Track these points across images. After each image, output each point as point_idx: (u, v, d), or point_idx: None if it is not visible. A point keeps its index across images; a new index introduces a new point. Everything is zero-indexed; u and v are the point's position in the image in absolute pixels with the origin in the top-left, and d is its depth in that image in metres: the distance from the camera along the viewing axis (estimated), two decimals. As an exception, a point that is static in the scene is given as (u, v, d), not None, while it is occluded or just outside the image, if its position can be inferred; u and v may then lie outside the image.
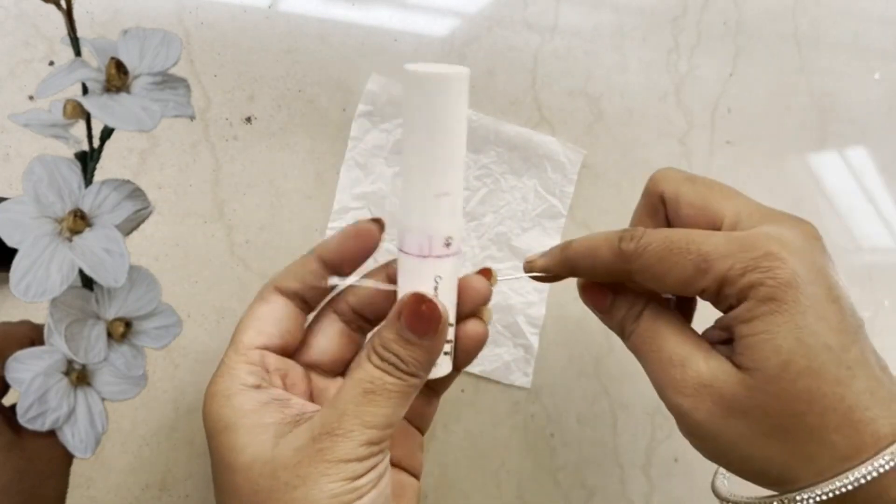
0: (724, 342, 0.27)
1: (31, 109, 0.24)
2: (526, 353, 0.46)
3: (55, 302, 0.24)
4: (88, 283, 0.26)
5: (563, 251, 0.31)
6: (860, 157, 0.55)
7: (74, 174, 0.24)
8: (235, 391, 0.26)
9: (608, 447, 0.47)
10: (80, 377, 0.26)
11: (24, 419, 0.25)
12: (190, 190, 0.41)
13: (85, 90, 0.23)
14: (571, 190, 0.46)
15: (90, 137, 0.25)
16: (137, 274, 0.26)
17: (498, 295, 0.45)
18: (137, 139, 0.40)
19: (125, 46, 0.24)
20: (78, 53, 0.24)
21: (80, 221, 0.24)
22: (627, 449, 0.47)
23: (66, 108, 0.23)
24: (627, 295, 0.29)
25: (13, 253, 0.23)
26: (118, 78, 0.23)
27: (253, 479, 0.24)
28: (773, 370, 0.24)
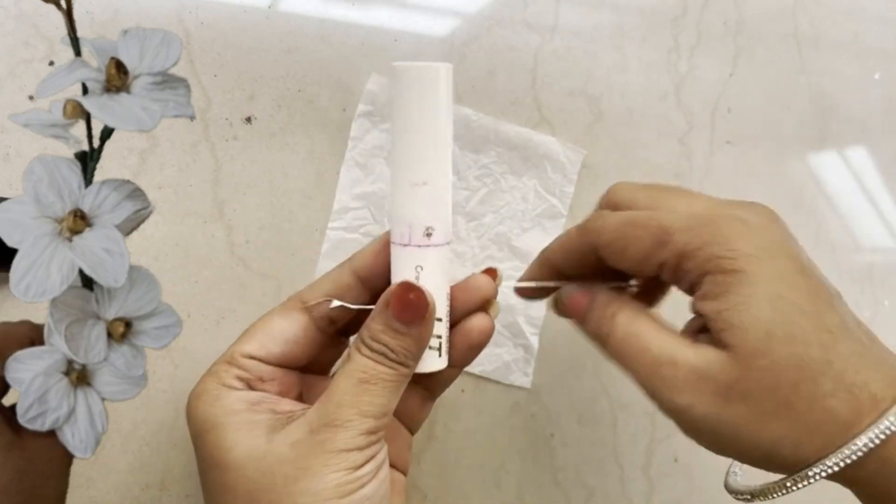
0: (700, 331, 0.27)
1: (31, 109, 0.24)
2: (526, 353, 0.46)
3: (55, 302, 0.24)
4: (88, 283, 0.26)
5: (541, 252, 0.31)
6: (860, 156, 0.55)
7: (74, 174, 0.24)
8: (223, 392, 0.26)
9: (608, 447, 0.47)
10: (80, 377, 0.26)
11: (24, 419, 0.25)
12: (190, 190, 0.41)
13: (85, 90, 0.23)
14: (571, 190, 0.46)
15: (90, 137, 0.25)
16: (137, 274, 0.26)
17: (498, 295, 0.45)
18: (137, 139, 0.40)
19: (125, 46, 0.24)
20: (78, 53, 0.24)
21: (80, 221, 0.24)
22: (627, 449, 0.47)
23: (66, 108, 0.23)
24: (600, 297, 0.29)
25: (13, 253, 0.23)
26: (118, 78, 0.23)
27: (247, 476, 0.24)
28: (757, 342, 0.23)
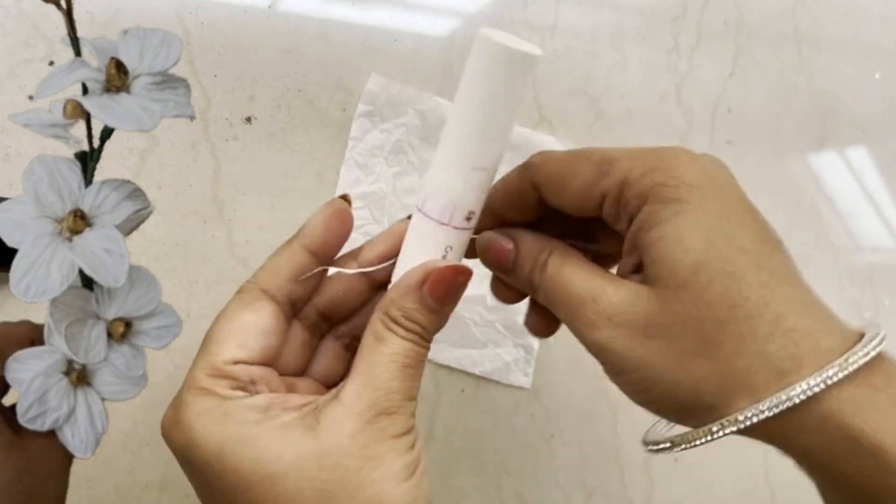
0: (635, 271, 0.25)
1: (31, 109, 0.24)
2: (526, 353, 0.46)
3: (55, 302, 0.24)
4: (88, 283, 0.26)
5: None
6: (860, 156, 0.55)
7: (74, 174, 0.24)
8: (229, 405, 0.24)
9: (608, 447, 0.47)
10: (80, 377, 0.26)
11: (24, 419, 0.25)
12: (190, 190, 0.41)
13: (85, 90, 0.23)
14: (571, 190, 0.46)
15: (90, 137, 0.25)
16: (137, 274, 0.26)
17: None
18: (137, 139, 0.40)
19: (125, 46, 0.24)
20: (78, 53, 0.24)
21: (80, 221, 0.24)
22: (627, 449, 0.47)
23: (66, 108, 0.23)
24: (530, 245, 0.27)
25: (13, 253, 0.23)
26: (118, 78, 0.23)
27: (312, 476, 0.23)
28: (684, 274, 0.22)
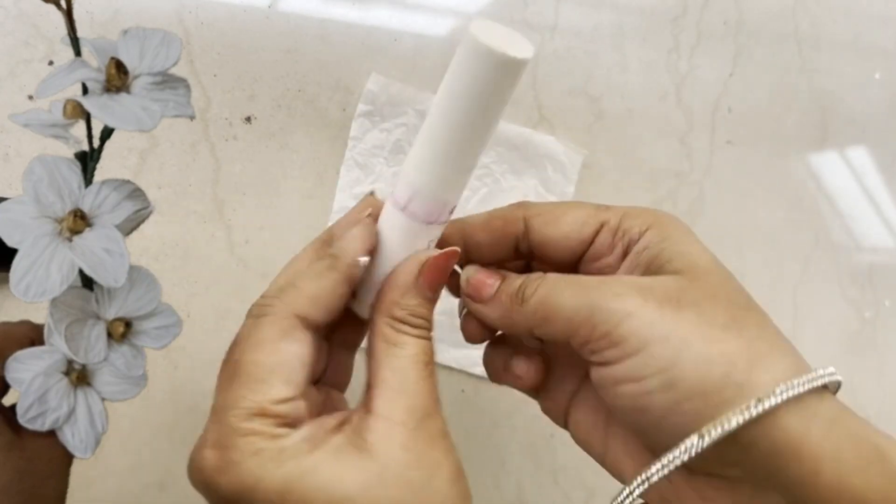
0: None
1: (31, 109, 0.24)
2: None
3: (55, 302, 0.24)
4: (88, 283, 0.26)
5: (459, 226, 0.28)
6: (860, 156, 0.55)
7: (74, 174, 0.24)
8: (282, 443, 0.22)
9: (608, 447, 0.47)
10: (80, 377, 0.26)
11: (24, 419, 0.25)
12: (190, 190, 0.41)
13: (85, 90, 0.23)
14: (572, 190, 0.46)
15: (90, 137, 0.25)
16: (137, 274, 0.26)
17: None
18: (137, 139, 0.40)
19: (125, 46, 0.24)
20: (78, 53, 0.24)
21: (80, 221, 0.24)
22: (628, 449, 0.47)
23: (66, 108, 0.23)
24: (513, 276, 0.26)
25: (13, 253, 0.23)
26: (118, 78, 0.23)
27: (377, 495, 0.22)
28: (707, 264, 0.24)
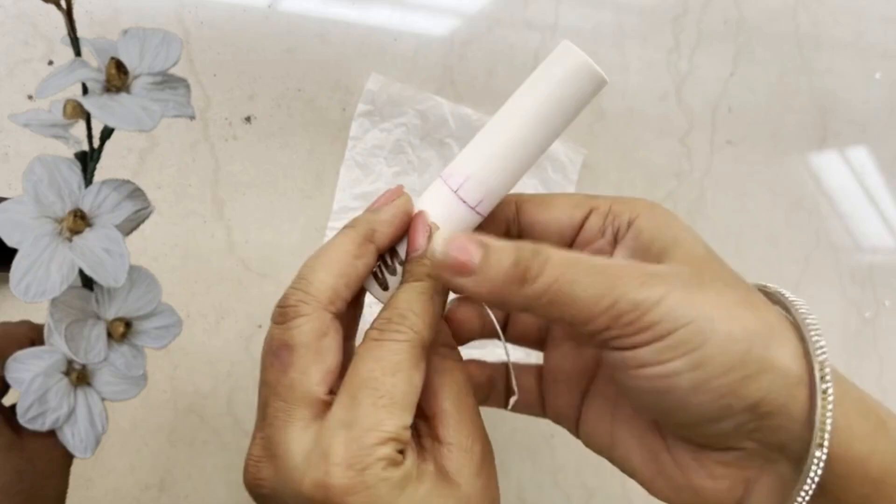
0: None
1: (31, 109, 0.24)
2: (526, 353, 0.45)
3: (55, 302, 0.24)
4: (88, 283, 0.26)
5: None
6: (861, 156, 0.55)
7: (74, 174, 0.24)
8: (409, 470, 0.23)
9: (608, 447, 0.47)
10: (80, 377, 0.26)
11: (24, 419, 0.25)
12: (189, 190, 0.41)
13: (85, 90, 0.23)
14: (572, 190, 0.46)
15: (90, 137, 0.25)
16: (137, 274, 0.26)
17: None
18: (137, 139, 0.40)
19: (125, 46, 0.24)
20: (78, 53, 0.24)
21: (80, 221, 0.24)
22: (628, 449, 0.47)
23: (66, 108, 0.23)
24: (507, 244, 0.23)
25: (13, 253, 0.23)
26: (118, 78, 0.23)
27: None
28: (701, 254, 0.24)
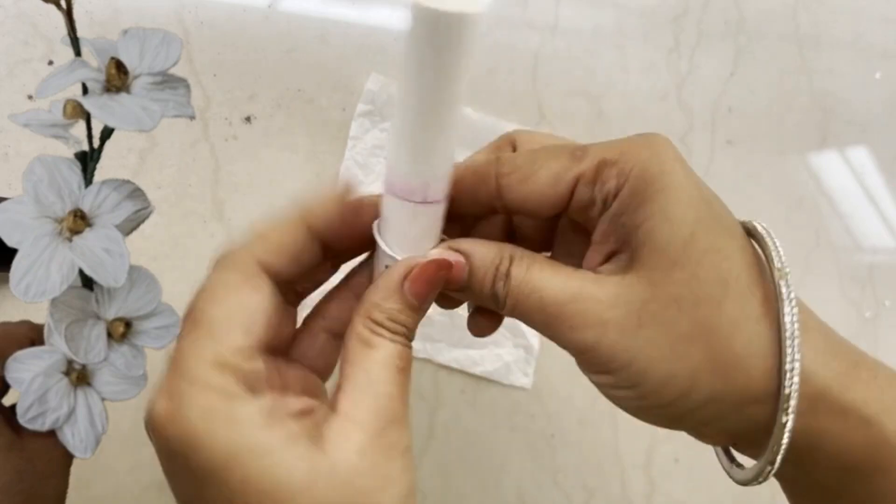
0: (605, 261, 0.24)
1: (30, 109, 0.24)
2: (526, 353, 0.45)
3: (55, 302, 0.24)
4: (88, 283, 0.26)
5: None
6: (861, 156, 0.55)
7: (74, 174, 0.24)
8: (236, 406, 0.21)
9: (608, 447, 0.47)
10: (80, 377, 0.26)
11: (24, 419, 0.25)
12: (189, 190, 0.41)
13: (85, 90, 0.23)
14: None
15: (90, 137, 0.25)
16: (137, 274, 0.26)
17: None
18: (137, 139, 0.40)
19: (125, 46, 0.24)
20: (78, 53, 0.24)
21: (80, 221, 0.24)
22: (627, 449, 0.47)
23: (66, 108, 0.23)
24: (484, 254, 0.24)
25: (13, 253, 0.23)
26: (118, 78, 0.23)
27: (321, 496, 0.20)
28: (676, 251, 0.21)
